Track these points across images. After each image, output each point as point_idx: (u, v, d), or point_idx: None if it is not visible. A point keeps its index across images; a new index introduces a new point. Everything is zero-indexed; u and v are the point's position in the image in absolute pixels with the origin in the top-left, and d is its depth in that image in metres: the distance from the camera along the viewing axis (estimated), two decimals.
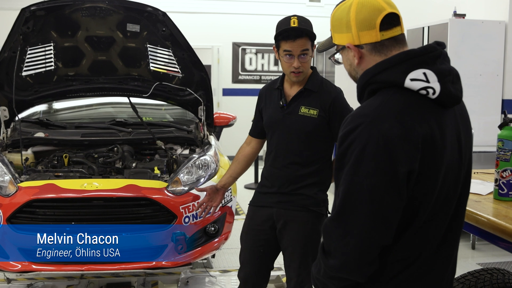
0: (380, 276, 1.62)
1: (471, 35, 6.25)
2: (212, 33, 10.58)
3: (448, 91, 1.58)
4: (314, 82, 2.96)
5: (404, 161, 1.49)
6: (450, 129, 1.62)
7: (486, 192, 2.45)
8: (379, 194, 1.50)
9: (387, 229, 1.54)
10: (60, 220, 3.67)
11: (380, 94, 1.60)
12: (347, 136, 1.54)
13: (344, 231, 1.55)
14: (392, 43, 1.65)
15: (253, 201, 3.13)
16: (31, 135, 4.53)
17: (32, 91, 4.70)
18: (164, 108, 5.50)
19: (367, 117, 1.53)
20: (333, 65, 9.12)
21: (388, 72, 1.59)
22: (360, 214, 1.52)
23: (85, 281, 4.50)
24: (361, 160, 1.51)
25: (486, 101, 6.30)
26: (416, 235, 1.59)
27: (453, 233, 1.70)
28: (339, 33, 1.72)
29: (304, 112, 2.92)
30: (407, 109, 1.55)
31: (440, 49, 1.64)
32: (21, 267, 3.67)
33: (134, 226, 3.72)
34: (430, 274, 1.66)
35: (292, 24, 2.84)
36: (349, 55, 1.71)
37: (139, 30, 4.37)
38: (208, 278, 4.60)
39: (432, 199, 1.58)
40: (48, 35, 4.34)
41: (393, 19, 1.65)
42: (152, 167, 4.17)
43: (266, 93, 3.14)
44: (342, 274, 1.60)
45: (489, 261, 5.22)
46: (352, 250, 1.54)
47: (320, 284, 1.70)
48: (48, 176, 3.93)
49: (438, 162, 1.56)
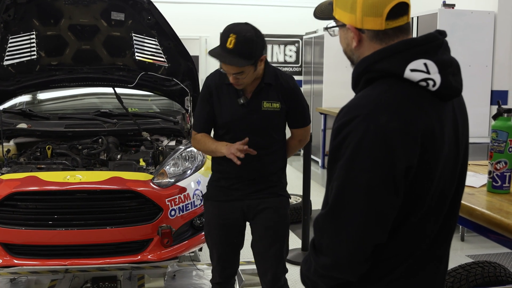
0: (371, 274, 1.55)
1: (460, 25, 6.24)
2: (200, 23, 10.48)
3: (448, 83, 1.51)
4: (270, 75, 2.92)
5: (402, 157, 1.42)
6: (448, 122, 1.55)
7: (479, 185, 2.40)
8: (375, 191, 1.42)
9: (382, 227, 1.46)
10: (42, 213, 3.59)
11: (377, 84, 1.51)
12: (342, 129, 1.46)
13: (337, 229, 1.47)
14: (395, 32, 1.55)
15: (215, 195, 3.08)
16: (13, 126, 4.44)
17: (14, 81, 4.60)
18: (150, 98, 5.42)
19: (364, 109, 1.45)
20: (321, 56, 9.08)
21: (387, 61, 1.50)
22: (355, 211, 1.44)
23: (69, 275, 4.43)
24: (357, 154, 1.42)
25: (476, 92, 6.29)
26: (410, 233, 1.53)
27: (447, 230, 1.64)
28: (343, 10, 1.60)
29: (267, 107, 2.90)
30: (407, 102, 1.47)
31: (442, 38, 1.56)
32: (3, 262, 3.59)
33: (119, 220, 3.65)
34: (423, 272, 1.59)
35: (228, 45, 2.71)
36: (348, 35, 1.61)
37: (124, 19, 4.29)
38: (195, 271, 4.55)
39: (428, 195, 1.51)
40: (30, 23, 4.25)
41: (401, 8, 1.55)
42: (137, 159, 4.10)
43: (215, 86, 2.99)
44: (334, 273, 1.52)
45: (479, 253, 5.22)
46: (345, 249, 1.47)
47: (309, 282, 1.63)
48: (30, 168, 3.84)
49: (437, 157, 1.49)
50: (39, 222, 3.57)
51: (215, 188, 3.09)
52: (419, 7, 6.60)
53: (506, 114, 2.22)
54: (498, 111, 2.22)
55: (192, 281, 4.38)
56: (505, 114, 2.22)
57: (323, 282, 1.58)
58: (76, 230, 3.57)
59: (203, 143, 3.03)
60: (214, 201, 3.10)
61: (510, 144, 2.22)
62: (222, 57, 2.73)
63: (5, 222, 3.54)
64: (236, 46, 2.69)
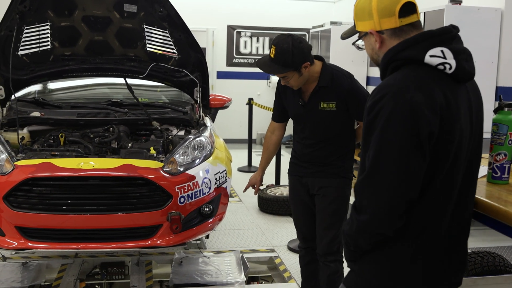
0: (405, 233, 1.83)
1: (467, 21, 6.27)
2: (207, 15, 10.54)
3: (462, 67, 1.80)
4: (326, 78, 3.26)
5: (425, 125, 1.70)
6: (463, 101, 1.83)
7: (480, 176, 2.48)
8: (405, 153, 1.71)
9: (414, 185, 1.74)
10: (56, 198, 3.69)
11: (402, 69, 1.81)
12: (375, 105, 1.76)
13: (375, 188, 1.76)
14: (410, 28, 1.87)
15: (291, 170, 3.58)
16: (27, 114, 4.53)
17: (28, 70, 4.68)
18: (160, 89, 5.50)
19: (393, 87, 1.75)
20: (328, 49, 9.15)
21: (409, 49, 1.80)
22: (389, 172, 1.73)
23: (79, 260, 4.54)
24: (389, 124, 1.72)
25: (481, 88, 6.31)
26: (433, 196, 1.81)
27: (465, 196, 1.92)
28: (362, 21, 1.93)
29: (324, 107, 3.28)
30: (427, 81, 1.76)
31: (455, 31, 1.86)
32: (17, 244, 3.70)
33: (130, 206, 3.74)
34: (449, 234, 1.87)
35: (271, 54, 3.19)
36: (371, 40, 1.93)
37: (136, 11, 4.36)
38: (201, 258, 4.64)
39: (447, 163, 1.79)
40: (45, 14, 4.32)
41: (410, 7, 1.86)
42: (148, 147, 4.18)
43: (283, 86, 3.43)
44: (373, 228, 1.82)
45: (480, 246, 5.28)
46: (382, 205, 1.75)
47: (351, 240, 1.90)
48: (44, 155, 3.93)
49: (454, 127, 1.77)
50: (53, 207, 3.67)
51: (291, 163, 3.59)
52: (426, 3, 6.64)
53: (506, 108, 2.32)
54: (499, 105, 2.31)
55: (199, 267, 4.46)
56: (505, 108, 2.32)
57: (363, 238, 1.86)
58: (89, 215, 3.67)
59: (264, 144, 3.72)
60: (290, 174, 3.60)
61: (510, 137, 2.31)
62: (262, 65, 3.24)
63: (21, 207, 3.65)
64: (275, 55, 3.15)
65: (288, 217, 5.80)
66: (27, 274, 4.30)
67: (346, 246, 1.97)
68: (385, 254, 1.89)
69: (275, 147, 3.70)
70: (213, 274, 4.34)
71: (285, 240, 5.25)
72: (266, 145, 3.70)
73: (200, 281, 4.23)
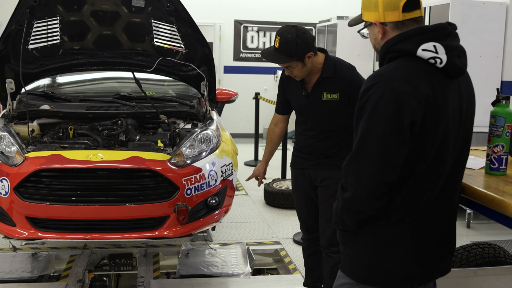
0: (389, 217, 1.96)
1: (472, 16, 6.29)
2: (214, 10, 10.58)
3: (453, 62, 1.90)
4: (329, 69, 3.32)
5: (408, 113, 1.82)
6: (453, 95, 1.93)
7: (478, 167, 2.53)
8: (387, 139, 1.83)
9: (393, 169, 1.86)
10: (65, 189, 3.75)
11: (397, 60, 1.93)
12: (366, 92, 1.89)
13: (358, 169, 1.89)
14: (411, 23, 1.98)
15: (293, 163, 3.66)
16: (36, 108, 4.59)
17: (38, 64, 4.73)
18: (167, 83, 5.56)
19: (382, 77, 1.88)
20: (334, 44, 9.19)
21: (404, 42, 1.92)
22: (372, 155, 1.86)
23: (88, 251, 4.61)
24: (375, 111, 1.84)
25: (485, 83, 6.35)
26: (418, 181, 1.92)
27: (453, 183, 2.03)
28: (368, 11, 2.05)
29: (326, 98, 3.35)
30: (416, 73, 1.87)
31: (451, 28, 1.96)
32: (28, 234, 3.77)
33: (138, 197, 3.80)
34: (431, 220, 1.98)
35: (275, 45, 3.27)
36: (375, 30, 2.05)
37: (144, 5, 4.40)
38: (208, 250, 4.71)
39: (431, 150, 1.89)
40: (54, 9, 4.36)
41: (414, 3, 1.97)
42: (155, 140, 4.24)
43: (286, 78, 3.52)
44: (355, 206, 1.94)
45: (484, 239, 5.32)
46: (364, 184, 1.88)
47: (338, 219, 2.04)
48: (54, 147, 4.00)
49: (438, 119, 1.87)
50: (62, 198, 3.73)
51: (293, 156, 3.66)
52: None
53: (504, 101, 2.37)
54: (497, 98, 2.36)
55: (205, 259, 4.53)
56: (503, 100, 2.37)
57: (348, 217, 1.99)
58: (97, 206, 3.73)
59: (268, 137, 3.78)
60: (292, 167, 3.68)
61: (507, 129, 2.35)
62: (267, 55, 3.33)
63: (31, 197, 3.72)
64: (279, 46, 3.23)
65: (294, 211, 5.82)
66: (37, 265, 4.38)
67: (336, 225, 2.10)
68: (372, 236, 2.01)
69: (279, 139, 3.76)
70: (219, 265, 4.41)
71: (291, 233, 5.31)
72: (269, 137, 3.76)
73: (207, 272, 4.29)
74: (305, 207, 3.66)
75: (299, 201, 3.69)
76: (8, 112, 4.55)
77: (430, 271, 2.06)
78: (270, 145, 3.76)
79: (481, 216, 5.72)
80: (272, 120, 3.76)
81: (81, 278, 4.15)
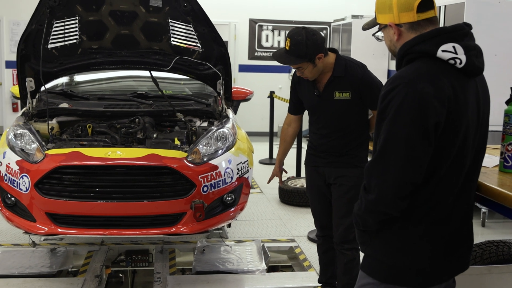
0: (411, 217, 1.97)
1: (487, 15, 6.28)
2: (229, 9, 10.63)
3: (472, 62, 1.92)
4: (340, 68, 3.36)
5: (433, 115, 1.84)
6: (471, 95, 1.96)
7: (492, 165, 2.56)
8: (412, 140, 1.85)
9: (419, 169, 1.88)
10: (84, 186, 3.82)
11: (416, 62, 1.94)
12: (388, 94, 1.89)
13: (383, 170, 1.90)
14: (426, 23, 1.99)
15: (307, 161, 3.70)
16: (56, 106, 4.66)
17: (57, 63, 4.79)
18: (183, 82, 5.61)
19: (405, 79, 1.88)
20: (349, 43, 9.21)
21: (423, 44, 1.93)
22: (397, 156, 1.87)
23: (105, 247, 4.68)
24: (399, 112, 1.85)
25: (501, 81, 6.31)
26: (440, 181, 1.94)
27: (470, 182, 2.05)
28: (382, 13, 2.06)
29: (338, 97, 3.39)
30: (438, 74, 1.89)
31: (467, 29, 1.99)
32: (48, 230, 3.84)
33: (155, 194, 3.86)
34: (451, 218, 2.01)
35: (286, 46, 3.31)
36: (390, 32, 2.07)
37: (161, 5, 4.44)
38: (223, 247, 4.76)
39: (453, 150, 1.92)
40: (74, 9, 4.41)
41: (428, 3, 1.99)
42: (172, 138, 4.28)
43: (298, 79, 3.55)
44: (380, 207, 1.94)
45: (499, 238, 5.31)
46: (389, 186, 1.89)
47: (360, 220, 2.04)
48: (73, 144, 4.07)
49: (460, 119, 1.90)
50: (81, 194, 3.80)
51: (308, 154, 3.70)
52: None
53: None
54: (511, 97, 2.39)
55: (221, 256, 4.58)
56: None
57: (371, 218, 2.00)
58: (116, 202, 3.79)
59: (281, 136, 3.84)
60: (307, 165, 3.72)
61: None
62: (278, 57, 3.38)
63: (51, 194, 3.79)
64: (290, 47, 3.28)
65: (308, 208, 5.80)
66: (55, 260, 4.46)
67: (356, 226, 2.10)
68: (393, 235, 2.02)
69: (292, 138, 3.82)
70: (234, 262, 4.45)
71: (305, 230, 5.35)
72: (283, 137, 3.81)
73: (222, 268, 4.34)
74: (319, 204, 3.70)
75: (313, 198, 3.73)
76: (28, 110, 4.63)
77: (450, 268, 2.08)
78: (284, 144, 3.83)
79: (496, 215, 5.72)
80: (285, 120, 3.82)
81: (98, 273, 4.21)
